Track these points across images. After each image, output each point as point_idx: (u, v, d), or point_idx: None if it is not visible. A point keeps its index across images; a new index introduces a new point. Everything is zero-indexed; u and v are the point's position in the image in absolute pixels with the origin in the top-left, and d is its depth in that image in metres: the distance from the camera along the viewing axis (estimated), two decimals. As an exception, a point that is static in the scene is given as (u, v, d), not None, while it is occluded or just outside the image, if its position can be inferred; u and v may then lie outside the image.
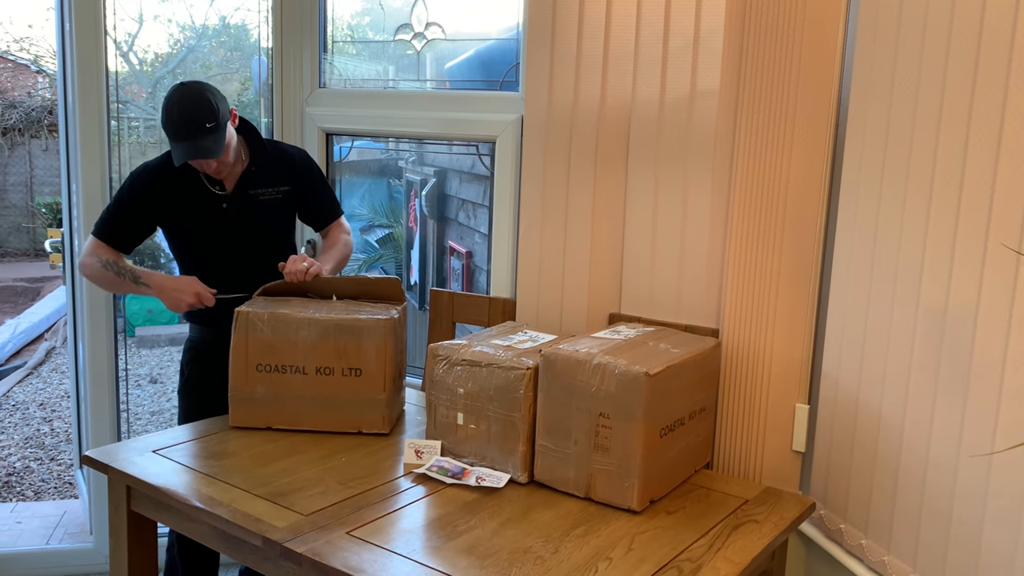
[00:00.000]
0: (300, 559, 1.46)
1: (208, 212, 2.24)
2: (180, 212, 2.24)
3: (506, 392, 1.77)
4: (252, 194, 2.27)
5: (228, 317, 2.09)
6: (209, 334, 2.31)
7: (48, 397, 5.55)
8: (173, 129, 2.08)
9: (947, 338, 1.49)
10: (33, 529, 3.35)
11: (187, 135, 2.06)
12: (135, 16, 3.32)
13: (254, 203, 2.28)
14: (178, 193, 2.22)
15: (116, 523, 1.85)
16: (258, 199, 2.28)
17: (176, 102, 2.08)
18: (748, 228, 1.91)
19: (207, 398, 2.25)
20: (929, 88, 1.52)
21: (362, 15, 3.03)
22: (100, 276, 2.23)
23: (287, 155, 2.38)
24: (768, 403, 1.94)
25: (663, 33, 1.98)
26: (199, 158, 2.08)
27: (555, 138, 2.17)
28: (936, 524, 1.53)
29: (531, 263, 2.25)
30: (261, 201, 2.29)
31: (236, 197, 2.26)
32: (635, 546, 1.53)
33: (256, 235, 2.30)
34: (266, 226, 2.32)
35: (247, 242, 2.28)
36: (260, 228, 2.30)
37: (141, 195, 2.22)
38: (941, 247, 1.50)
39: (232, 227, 2.26)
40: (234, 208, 2.25)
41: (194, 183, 2.23)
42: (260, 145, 2.30)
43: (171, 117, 2.08)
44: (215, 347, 2.25)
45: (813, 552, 1.91)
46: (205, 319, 2.28)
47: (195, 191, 2.23)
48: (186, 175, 2.21)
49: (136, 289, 2.22)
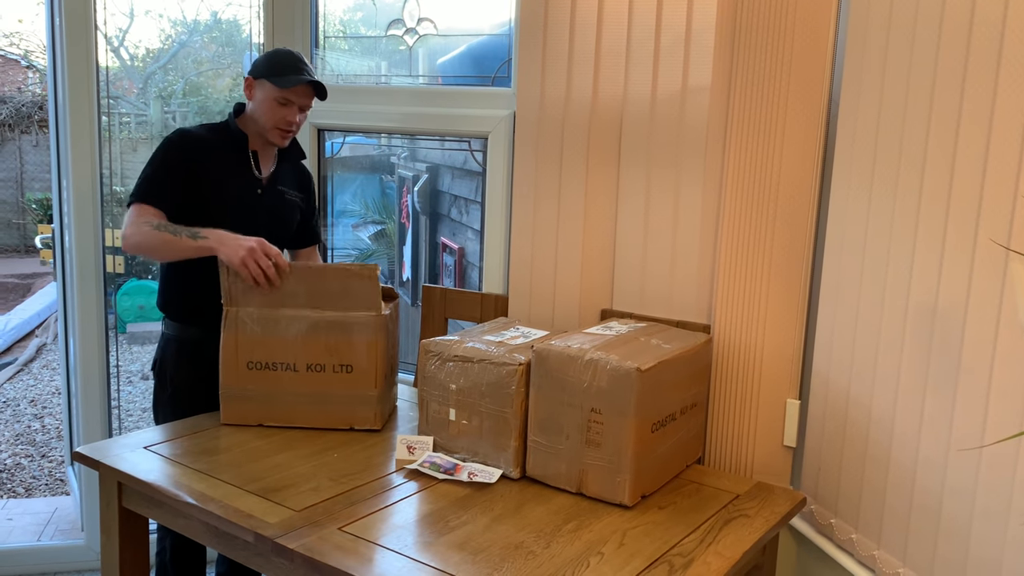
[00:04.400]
0: (292, 555, 1.46)
1: (245, 191, 2.20)
2: (219, 181, 2.16)
3: (498, 388, 1.78)
4: (280, 190, 2.28)
5: (216, 315, 2.08)
6: (191, 332, 2.21)
7: (39, 394, 5.54)
8: (291, 60, 2.17)
9: (937, 333, 1.50)
10: (24, 526, 3.35)
11: (304, 69, 2.18)
12: (126, 11, 3.30)
13: (281, 199, 2.28)
14: (222, 162, 2.17)
15: (107, 520, 1.85)
16: (284, 195, 2.29)
17: (285, 50, 2.21)
18: (740, 223, 1.91)
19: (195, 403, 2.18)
20: (919, 84, 1.53)
21: (354, 10, 3.03)
22: (153, 239, 2.02)
23: (304, 166, 2.41)
24: (759, 398, 1.95)
25: (655, 29, 1.99)
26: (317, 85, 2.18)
27: (547, 134, 2.17)
28: (926, 518, 1.54)
29: (523, 259, 2.25)
30: (286, 200, 2.29)
31: (269, 187, 2.26)
32: (627, 541, 1.54)
33: (277, 231, 2.28)
34: (285, 225, 2.31)
35: (270, 233, 2.22)
36: (281, 225, 2.30)
37: (186, 156, 2.13)
38: (931, 243, 1.51)
39: (262, 214, 2.23)
40: (267, 196, 2.25)
41: (240, 157, 2.21)
42: (298, 149, 2.35)
43: (291, 56, 2.18)
44: (199, 346, 2.19)
45: (804, 546, 1.92)
46: (190, 316, 2.20)
47: (239, 165, 2.20)
48: (233, 146, 2.19)
49: (195, 246, 2.00)
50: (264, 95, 2.17)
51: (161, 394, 2.26)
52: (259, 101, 2.18)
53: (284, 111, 2.17)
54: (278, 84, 2.14)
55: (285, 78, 2.15)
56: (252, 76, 2.19)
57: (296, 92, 2.16)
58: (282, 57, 2.18)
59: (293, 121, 2.20)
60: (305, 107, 2.21)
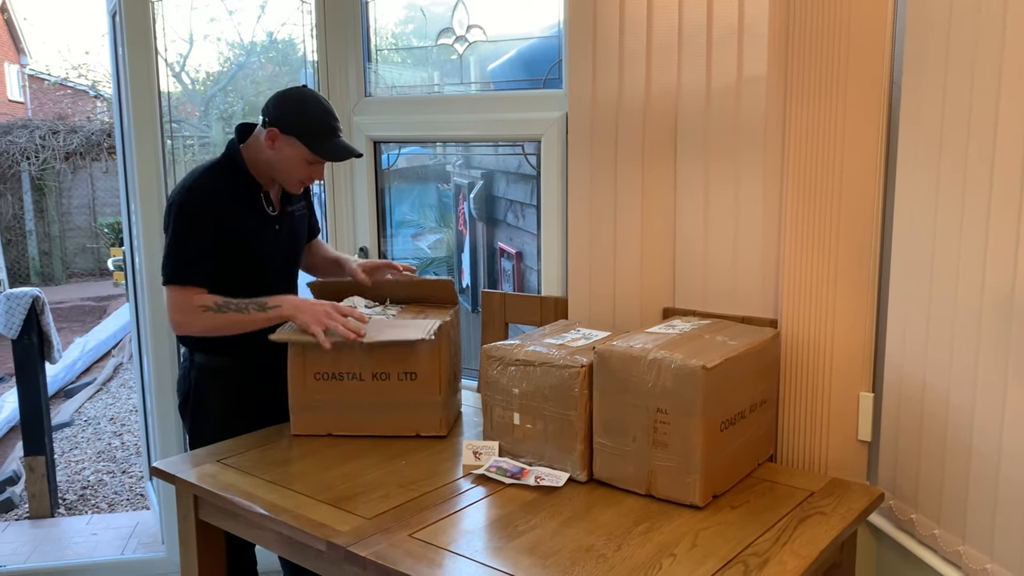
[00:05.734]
0: (364, 562, 1.47)
1: (263, 231, 2.17)
2: (240, 231, 2.10)
3: (561, 391, 1.77)
4: (290, 211, 2.27)
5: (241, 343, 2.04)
6: (217, 360, 2.16)
7: (118, 412, 5.72)
8: (326, 120, 2.07)
9: (1016, 321, 1.44)
10: (108, 540, 3.46)
11: (339, 130, 2.10)
12: (185, 37, 3.39)
13: (292, 220, 2.28)
14: (237, 210, 2.10)
15: (185, 532, 1.90)
16: (294, 216, 2.29)
17: (316, 97, 2.10)
18: (803, 214, 1.87)
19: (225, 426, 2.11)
20: (986, 64, 1.47)
21: (405, 23, 3.06)
22: (220, 322, 1.99)
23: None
24: (831, 392, 1.90)
25: (706, 21, 1.96)
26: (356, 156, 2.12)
27: (601, 133, 2.16)
28: (1013, 511, 1.48)
29: (581, 260, 2.24)
30: (296, 217, 2.30)
31: (282, 215, 2.23)
32: (699, 542, 1.51)
33: (295, 252, 2.31)
34: (299, 242, 2.33)
35: (288, 260, 2.27)
36: (297, 245, 2.32)
37: (208, 220, 2.04)
38: (1005, 229, 1.45)
39: (281, 246, 2.22)
40: (284, 225, 2.23)
41: (252, 202, 2.15)
42: None
43: (321, 110, 2.07)
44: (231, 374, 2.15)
45: (884, 543, 1.86)
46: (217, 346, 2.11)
47: (252, 206, 2.15)
48: (243, 193, 2.13)
49: (266, 317, 1.99)
50: (295, 154, 2.06)
51: (199, 425, 2.19)
52: (287, 157, 2.07)
53: (312, 169, 2.10)
54: (320, 154, 2.06)
55: (325, 147, 2.06)
56: (280, 130, 2.04)
57: (332, 161, 2.13)
58: (315, 115, 2.06)
59: (321, 178, 2.17)
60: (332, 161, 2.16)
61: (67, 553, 3.33)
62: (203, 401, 2.18)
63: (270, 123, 2.06)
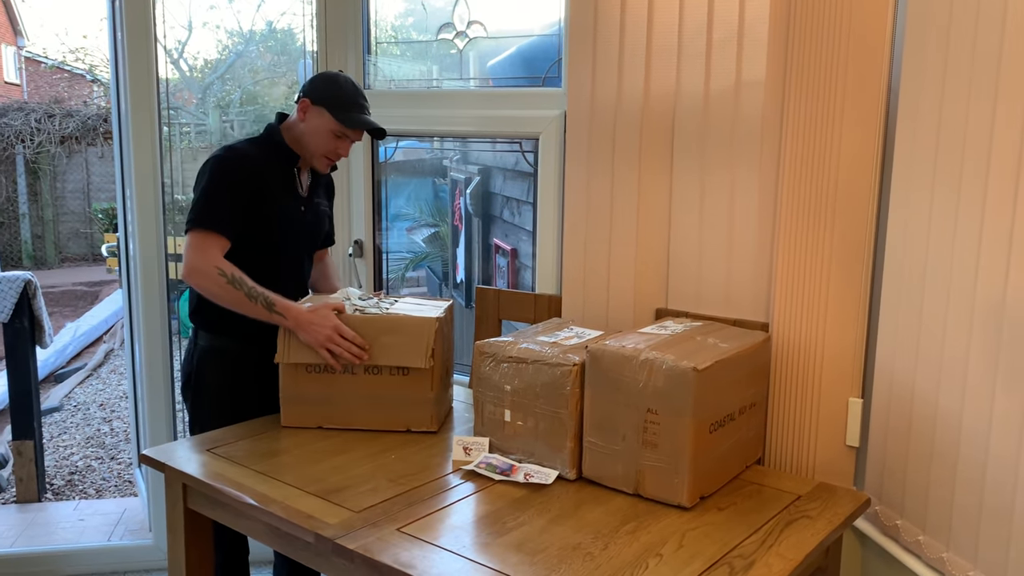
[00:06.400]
0: (352, 555, 1.47)
1: (292, 210, 2.19)
2: (273, 201, 2.13)
3: (553, 388, 1.77)
4: (317, 202, 2.30)
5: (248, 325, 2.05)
6: (223, 341, 2.18)
7: (108, 398, 5.71)
8: (359, 100, 2.16)
9: (1006, 329, 1.45)
10: (95, 526, 3.45)
11: (367, 107, 2.17)
12: (184, 24, 3.39)
13: (318, 211, 2.30)
14: (273, 181, 2.14)
15: (173, 520, 1.90)
16: (320, 208, 2.31)
17: (350, 79, 2.18)
18: (797, 219, 1.88)
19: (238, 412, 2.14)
20: (983, 73, 1.48)
21: (405, 16, 3.05)
22: (224, 293, 2.01)
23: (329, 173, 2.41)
24: (820, 397, 1.91)
25: (707, 23, 1.96)
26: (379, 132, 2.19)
27: (599, 133, 2.16)
28: (998, 519, 1.49)
29: (576, 259, 2.24)
30: (320, 211, 2.31)
31: (310, 201, 2.26)
32: (686, 542, 1.52)
33: (312, 242, 2.31)
34: (318, 237, 2.34)
35: (305, 246, 2.27)
36: (317, 237, 2.33)
37: (245, 176, 2.08)
38: (998, 236, 1.46)
39: (304, 231, 2.24)
40: (309, 213, 2.26)
41: (286, 175, 2.18)
42: None
43: (352, 88, 2.16)
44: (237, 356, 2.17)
45: (869, 548, 1.87)
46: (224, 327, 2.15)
47: (285, 183, 2.18)
48: (281, 164, 2.16)
49: (268, 317, 2.01)
50: (322, 125, 2.12)
51: (200, 405, 2.21)
52: (314, 128, 2.13)
53: (339, 143, 2.16)
54: (344, 122, 2.11)
55: (351, 116, 2.12)
56: (311, 100, 2.13)
57: (358, 134, 2.18)
58: (346, 90, 2.14)
59: (346, 155, 2.20)
60: (357, 140, 2.20)
61: (54, 538, 3.33)
62: (203, 382, 2.21)
63: (303, 95, 2.16)
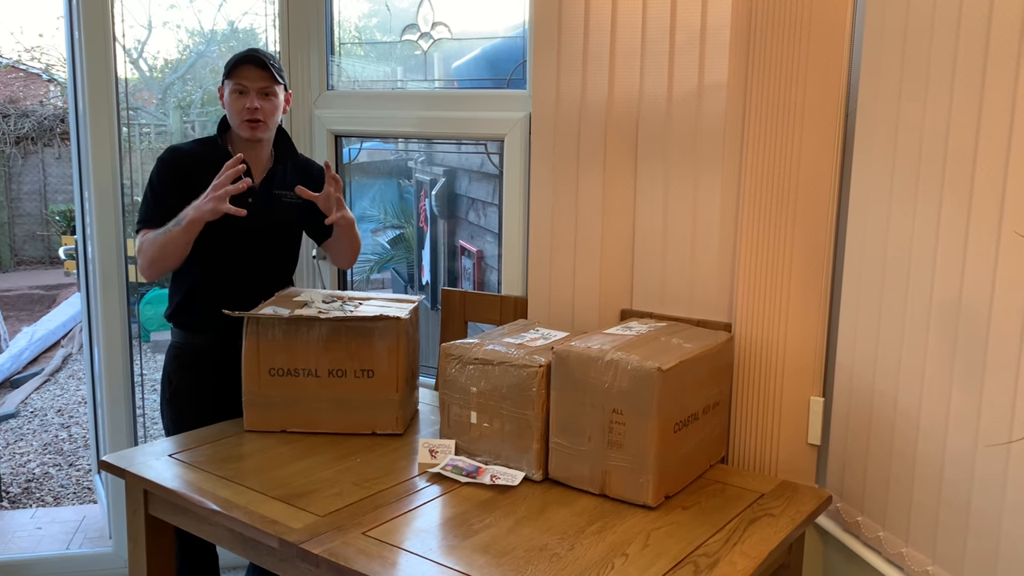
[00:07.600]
0: (317, 560, 1.46)
1: (234, 200, 2.13)
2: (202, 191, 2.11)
3: (519, 390, 1.77)
4: (277, 194, 2.28)
5: (218, 322, 2.08)
6: (195, 339, 2.26)
7: (65, 403, 5.60)
8: (242, 52, 2.21)
9: (962, 327, 1.48)
10: (53, 534, 3.38)
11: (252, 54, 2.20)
12: (144, 23, 3.33)
13: (277, 203, 2.28)
14: (205, 175, 2.13)
15: (134, 527, 1.87)
16: (281, 200, 2.28)
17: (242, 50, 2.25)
18: (759, 220, 1.90)
19: (197, 407, 2.20)
20: (939, 75, 1.51)
21: (369, 16, 3.04)
22: (154, 250, 2.12)
23: (311, 165, 2.40)
24: (783, 396, 1.93)
25: (670, 26, 1.98)
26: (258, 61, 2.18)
27: (563, 134, 2.17)
28: (954, 515, 1.52)
29: (542, 260, 2.25)
30: (283, 203, 2.29)
31: (262, 193, 2.25)
32: (651, 542, 1.53)
33: (272, 237, 2.29)
34: (282, 230, 2.32)
35: (262, 243, 2.26)
36: (278, 230, 2.30)
37: (177, 171, 2.20)
38: (954, 236, 1.49)
39: (253, 224, 2.19)
40: (259, 204, 2.24)
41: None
42: (289, 147, 2.35)
43: (241, 51, 2.23)
44: (202, 353, 2.24)
45: (830, 545, 1.90)
46: (192, 324, 2.25)
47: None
48: (221, 159, 2.15)
49: (185, 231, 2.07)
50: (226, 94, 2.22)
51: (168, 402, 2.28)
52: (226, 103, 2.23)
53: (243, 100, 2.19)
54: (228, 75, 2.21)
55: (235, 59, 2.22)
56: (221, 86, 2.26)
57: (246, 76, 2.18)
58: (236, 55, 2.24)
59: (255, 107, 2.18)
60: (264, 91, 2.19)
61: (10, 547, 3.26)
62: (168, 380, 2.27)
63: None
